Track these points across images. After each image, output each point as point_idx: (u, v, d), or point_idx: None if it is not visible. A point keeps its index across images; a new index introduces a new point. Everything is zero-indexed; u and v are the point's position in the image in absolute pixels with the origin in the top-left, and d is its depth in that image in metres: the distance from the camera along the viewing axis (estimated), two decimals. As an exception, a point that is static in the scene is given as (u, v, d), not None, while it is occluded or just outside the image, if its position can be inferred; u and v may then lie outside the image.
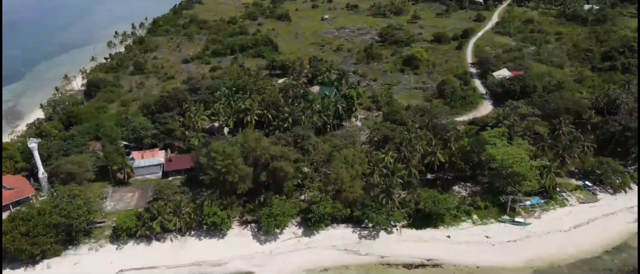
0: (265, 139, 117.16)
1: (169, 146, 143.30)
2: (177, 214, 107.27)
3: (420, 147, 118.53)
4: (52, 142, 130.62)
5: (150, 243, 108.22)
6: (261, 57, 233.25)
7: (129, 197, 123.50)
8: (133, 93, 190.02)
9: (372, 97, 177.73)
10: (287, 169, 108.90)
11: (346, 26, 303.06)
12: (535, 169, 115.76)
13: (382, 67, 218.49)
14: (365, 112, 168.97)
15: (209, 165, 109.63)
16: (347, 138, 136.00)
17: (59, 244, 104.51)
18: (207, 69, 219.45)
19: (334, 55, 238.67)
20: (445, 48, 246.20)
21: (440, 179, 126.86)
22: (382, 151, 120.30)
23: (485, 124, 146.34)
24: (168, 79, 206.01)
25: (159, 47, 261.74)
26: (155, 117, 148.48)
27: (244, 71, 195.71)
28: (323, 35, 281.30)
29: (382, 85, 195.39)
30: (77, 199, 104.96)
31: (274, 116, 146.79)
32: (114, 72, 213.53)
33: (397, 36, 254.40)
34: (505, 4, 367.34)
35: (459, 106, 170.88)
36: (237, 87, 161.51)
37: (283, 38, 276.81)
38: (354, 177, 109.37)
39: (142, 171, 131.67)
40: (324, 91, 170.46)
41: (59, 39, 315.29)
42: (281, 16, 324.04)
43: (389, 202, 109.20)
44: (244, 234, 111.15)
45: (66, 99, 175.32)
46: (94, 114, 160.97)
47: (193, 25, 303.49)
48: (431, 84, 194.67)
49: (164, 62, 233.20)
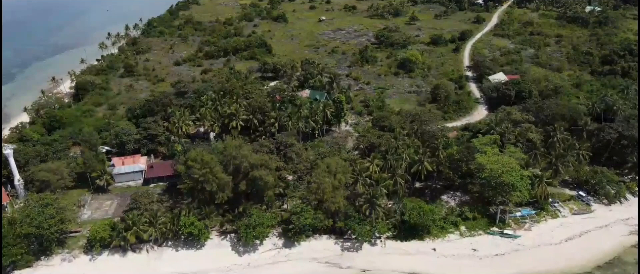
0: (246, 147, 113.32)
1: (153, 151, 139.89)
2: (153, 225, 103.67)
3: (406, 155, 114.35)
4: (29, 148, 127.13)
5: (126, 253, 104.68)
6: (255, 60, 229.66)
7: (107, 205, 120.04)
8: (121, 96, 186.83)
9: (363, 102, 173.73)
10: (267, 179, 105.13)
11: (343, 28, 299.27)
12: (526, 179, 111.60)
13: (376, 70, 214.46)
14: (356, 117, 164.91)
15: (187, 173, 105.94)
16: (333, 145, 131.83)
17: (31, 254, 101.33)
18: (198, 71, 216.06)
19: (329, 58, 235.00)
20: (441, 51, 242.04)
21: (428, 188, 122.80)
22: (367, 159, 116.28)
23: (478, 131, 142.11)
24: (158, 82, 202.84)
25: (152, 48, 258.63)
26: (140, 121, 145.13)
27: (234, 73, 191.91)
28: (319, 37, 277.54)
29: (374, 89, 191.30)
30: (48, 208, 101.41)
31: (260, 122, 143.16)
32: (104, 75, 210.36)
33: (393, 38, 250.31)
34: (505, 6, 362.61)
35: (452, 111, 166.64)
36: (224, 91, 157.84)
37: (278, 40, 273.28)
38: (337, 187, 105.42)
39: (123, 177, 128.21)
40: (315, 95, 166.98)
41: (53, 40, 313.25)
42: (277, 17, 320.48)
43: (372, 213, 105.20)
44: (222, 245, 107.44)
45: (52, 102, 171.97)
46: (78, 118, 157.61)
47: (188, 27, 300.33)
48: (426, 88, 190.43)
49: (155, 64, 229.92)
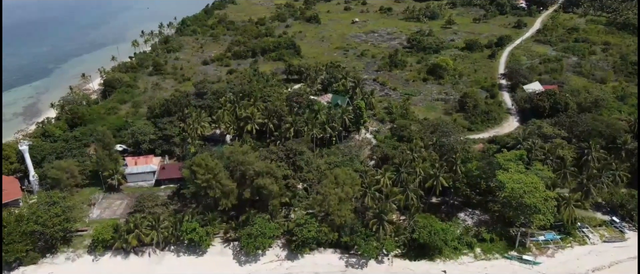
0: (253, 153, 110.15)
1: (168, 152, 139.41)
2: (156, 228, 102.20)
3: (420, 169, 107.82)
4: (46, 144, 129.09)
5: (128, 256, 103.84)
6: (282, 61, 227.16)
7: (117, 205, 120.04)
8: (146, 94, 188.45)
9: (387, 108, 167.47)
10: (271, 188, 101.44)
11: (376, 30, 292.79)
12: (552, 200, 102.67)
13: (405, 75, 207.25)
14: (378, 125, 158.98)
15: (191, 178, 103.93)
16: (347, 154, 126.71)
17: (37, 251, 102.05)
18: (225, 71, 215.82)
19: (357, 61, 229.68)
20: (476, 56, 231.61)
21: (445, 204, 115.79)
22: (379, 171, 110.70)
23: (505, 144, 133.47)
24: (184, 81, 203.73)
25: (183, 47, 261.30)
26: (157, 121, 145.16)
27: (256, 75, 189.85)
28: (350, 40, 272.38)
29: (401, 95, 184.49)
30: (55, 207, 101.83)
31: (276, 126, 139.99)
32: (133, 72, 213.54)
33: (425, 42, 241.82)
34: (550, 10, 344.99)
35: (480, 121, 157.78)
36: (243, 93, 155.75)
37: (308, 41, 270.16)
38: (344, 199, 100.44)
39: (135, 177, 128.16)
40: (336, 100, 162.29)
41: (92, 37, 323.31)
42: (310, 18, 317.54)
43: (380, 229, 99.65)
44: (224, 253, 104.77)
45: (79, 98, 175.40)
46: (101, 115, 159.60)
47: (220, 26, 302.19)
48: (454, 95, 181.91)
49: (184, 63, 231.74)
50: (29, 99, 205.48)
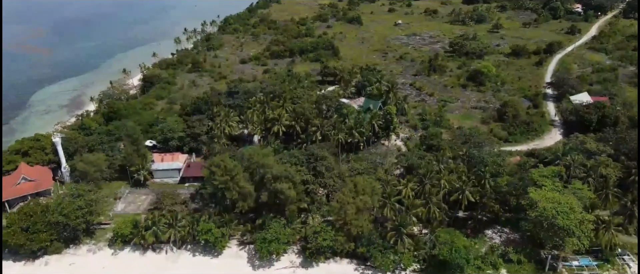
0: (272, 156, 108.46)
1: (195, 150, 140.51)
2: (173, 226, 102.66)
3: (444, 182, 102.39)
4: (79, 137, 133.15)
5: (146, 252, 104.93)
6: (319, 62, 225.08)
7: (141, 200, 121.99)
8: (183, 91, 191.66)
9: (420, 115, 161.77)
10: (288, 193, 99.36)
11: (418, 33, 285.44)
12: (589, 223, 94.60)
13: (443, 80, 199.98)
14: (410, 131, 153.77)
15: (209, 179, 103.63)
16: (371, 161, 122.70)
17: (61, 242, 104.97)
18: (261, 70, 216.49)
19: (395, 65, 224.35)
20: (522, 63, 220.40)
21: (472, 219, 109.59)
22: (401, 181, 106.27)
23: (543, 159, 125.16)
24: (220, 79, 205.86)
25: (224, 45, 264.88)
26: (187, 119, 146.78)
27: (290, 75, 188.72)
28: (390, 42, 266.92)
29: (437, 101, 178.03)
30: (79, 199, 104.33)
31: (302, 129, 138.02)
32: (172, 69, 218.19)
33: (468, 47, 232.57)
34: (609, 16, 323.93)
35: (519, 132, 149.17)
36: (273, 93, 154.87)
37: (348, 43, 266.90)
38: (361, 208, 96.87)
39: (160, 174, 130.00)
40: (368, 104, 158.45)
41: (139, 33, 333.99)
42: (352, 19, 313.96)
43: (399, 242, 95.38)
44: (240, 256, 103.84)
45: (118, 93, 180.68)
46: (137, 110, 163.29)
47: (262, 25, 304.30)
48: (494, 104, 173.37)
49: (223, 61, 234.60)
50: (74, 92, 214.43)
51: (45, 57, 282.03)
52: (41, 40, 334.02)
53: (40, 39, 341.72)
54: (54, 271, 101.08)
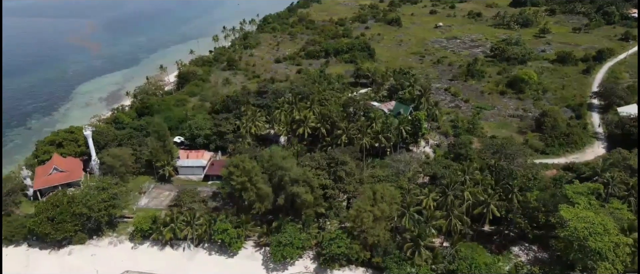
0: (291, 159, 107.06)
1: (221, 148, 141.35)
2: (191, 224, 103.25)
3: (468, 194, 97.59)
4: (110, 131, 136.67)
5: (164, 248, 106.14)
6: (354, 63, 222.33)
7: (164, 195, 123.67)
8: (216, 89, 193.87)
9: (453, 121, 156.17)
10: (305, 197, 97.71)
11: (459, 36, 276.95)
12: (625, 247, 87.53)
13: (481, 86, 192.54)
14: (440, 138, 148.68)
15: (227, 179, 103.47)
16: (394, 168, 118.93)
17: (85, 232, 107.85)
18: (294, 70, 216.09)
19: (432, 68, 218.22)
20: (567, 71, 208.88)
21: (499, 234, 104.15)
22: (422, 191, 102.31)
23: (580, 174, 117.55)
24: (253, 78, 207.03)
25: (261, 44, 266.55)
26: (215, 117, 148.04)
27: (323, 76, 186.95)
28: (429, 45, 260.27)
29: (472, 108, 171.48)
30: (103, 192, 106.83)
31: (328, 131, 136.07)
32: (208, 66, 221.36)
33: (510, 52, 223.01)
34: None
35: (557, 144, 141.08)
36: (302, 94, 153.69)
37: (385, 44, 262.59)
38: (379, 217, 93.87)
39: (185, 171, 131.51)
40: (399, 108, 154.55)
41: (183, 30, 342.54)
42: (391, 21, 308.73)
43: (416, 254, 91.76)
44: (255, 258, 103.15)
45: (153, 89, 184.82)
46: (169, 106, 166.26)
47: (300, 25, 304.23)
48: (533, 113, 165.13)
49: (258, 59, 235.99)
50: (115, 86, 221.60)
51: (94, 51, 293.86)
52: (94, 35, 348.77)
53: (94, 33, 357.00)
54: (76, 261, 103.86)
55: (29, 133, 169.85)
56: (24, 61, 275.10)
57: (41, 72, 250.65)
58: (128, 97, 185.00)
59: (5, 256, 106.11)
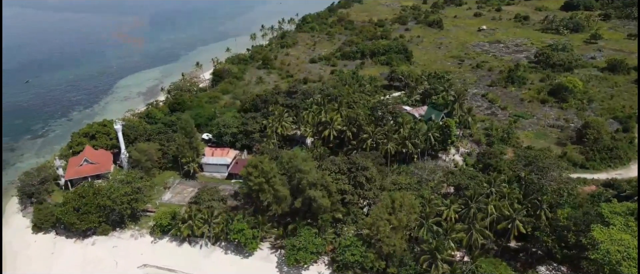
0: (312, 162, 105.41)
1: (247, 147, 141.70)
2: (208, 222, 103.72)
3: (492, 207, 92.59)
4: (139, 126, 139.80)
5: (182, 244, 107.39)
6: (390, 65, 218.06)
7: (188, 192, 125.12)
8: (249, 87, 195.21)
9: (487, 129, 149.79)
10: (321, 201, 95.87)
11: (502, 40, 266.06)
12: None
13: (521, 93, 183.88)
14: (472, 147, 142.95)
15: (245, 179, 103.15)
16: (418, 176, 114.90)
17: (109, 224, 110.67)
18: (329, 71, 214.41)
19: (470, 73, 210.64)
20: (618, 80, 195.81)
21: (525, 252, 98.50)
22: (444, 202, 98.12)
23: (621, 192, 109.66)
24: (286, 77, 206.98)
25: (297, 43, 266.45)
26: (243, 115, 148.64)
27: (355, 78, 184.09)
28: (470, 48, 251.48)
29: (509, 116, 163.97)
30: (126, 186, 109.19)
31: (354, 135, 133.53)
32: (243, 64, 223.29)
33: (555, 58, 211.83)
34: None
35: (598, 159, 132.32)
36: (331, 96, 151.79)
37: (423, 47, 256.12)
38: (396, 226, 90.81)
39: (210, 168, 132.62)
40: (430, 114, 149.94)
41: (223, 28, 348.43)
42: (432, 23, 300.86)
43: (432, 267, 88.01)
44: (269, 260, 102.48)
45: (188, 85, 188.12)
46: (200, 103, 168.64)
47: (338, 25, 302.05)
48: (576, 123, 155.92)
49: (293, 59, 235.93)
50: (153, 81, 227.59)
51: (137, 47, 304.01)
52: (137, 31, 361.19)
53: (137, 29, 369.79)
54: (98, 251, 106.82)
55: (70, 124, 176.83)
56: (71, 56, 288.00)
57: (87, 66, 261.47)
58: (162, 93, 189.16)
59: (34, 242, 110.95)
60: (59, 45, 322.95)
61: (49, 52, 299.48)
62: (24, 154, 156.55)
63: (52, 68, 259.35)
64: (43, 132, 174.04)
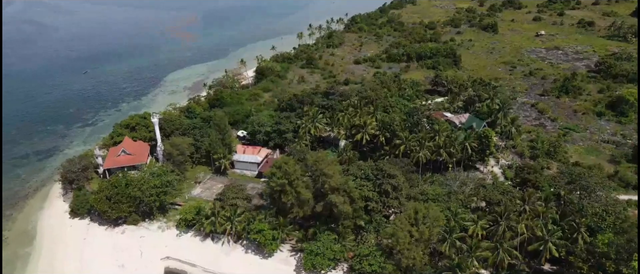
0: (336, 166, 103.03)
1: (280, 147, 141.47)
2: (231, 220, 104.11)
3: (522, 226, 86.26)
4: (176, 120, 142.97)
5: (205, 239, 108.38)
6: (436, 70, 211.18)
7: (217, 187, 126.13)
8: (290, 86, 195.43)
9: (532, 141, 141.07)
10: (342, 207, 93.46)
11: (561, 47, 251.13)
12: None
13: (575, 105, 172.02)
14: (514, 159, 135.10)
15: (269, 179, 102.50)
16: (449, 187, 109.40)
17: (139, 215, 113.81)
18: (372, 73, 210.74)
19: (521, 81, 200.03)
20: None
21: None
22: (471, 216, 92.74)
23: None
24: (329, 77, 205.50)
25: (344, 43, 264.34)
26: (279, 114, 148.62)
27: (397, 81, 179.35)
28: (524, 54, 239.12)
29: (559, 128, 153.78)
30: (156, 178, 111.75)
31: (387, 140, 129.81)
32: (287, 63, 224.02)
33: (618, 68, 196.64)
34: None
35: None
36: (368, 98, 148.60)
37: (474, 51, 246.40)
38: (418, 238, 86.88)
39: (240, 165, 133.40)
40: (472, 122, 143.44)
41: (273, 26, 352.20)
42: (487, 26, 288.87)
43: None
44: (288, 262, 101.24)
45: (230, 82, 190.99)
46: (240, 100, 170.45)
47: (387, 26, 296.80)
48: (634, 140, 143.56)
49: (338, 59, 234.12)
50: (200, 76, 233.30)
51: (189, 42, 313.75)
52: (191, 27, 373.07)
53: (191, 25, 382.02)
54: (126, 240, 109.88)
55: (117, 115, 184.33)
56: (128, 49, 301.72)
57: (141, 59, 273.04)
58: (204, 89, 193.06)
59: (70, 227, 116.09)
60: (119, 38, 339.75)
61: (109, 45, 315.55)
62: (73, 142, 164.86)
63: (110, 60, 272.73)
64: (93, 121, 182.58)
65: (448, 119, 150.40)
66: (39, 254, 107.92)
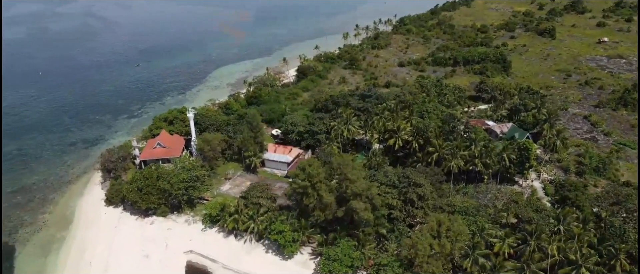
0: (361, 171, 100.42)
1: (312, 147, 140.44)
2: (254, 219, 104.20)
3: (553, 248, 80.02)
4: (211, 116, 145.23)
5: (228, 236, 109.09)
6: (484, 75, 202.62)
7: (246, 185, 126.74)
8: (331, 87, 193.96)
9: (580, 156, 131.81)
10: (363, 214, 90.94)
11: (625, 55, 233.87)
12: None
13: (632, 119, 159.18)
14: (558, 173, 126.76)
15: (292, 181, 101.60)
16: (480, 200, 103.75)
17: (168, 207, 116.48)
18: (416, 76, 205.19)
19: (575, 90, 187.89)
20: None
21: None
22: (499, 234, 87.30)
23: None
24: (371, 79, 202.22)
25: (390, 45, 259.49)
26: (314, 115, 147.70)
27: (439, 86, 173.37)
28: (582, 62, 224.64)
29: (613, 143, 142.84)
30: (185, 173, 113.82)
31: (420, 147, 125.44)
32: (330, 63, 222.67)
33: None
34: None
35: None
36: (405, 103, 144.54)
37: (527, 57, 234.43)
38: (438, 252, 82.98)
39: (271, 164, 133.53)
40: (514, 132, 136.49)
41: (321, 25, 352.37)
42: (543, 31, 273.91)
43: (473, 305, 79.01)
44: (307, 266, 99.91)
45: (270, 80, 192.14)
46: (278, 98, 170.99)
47: (437, 28, 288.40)
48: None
49: (382, 61, 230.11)
50: (244, 73, 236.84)
51: (238, 39, 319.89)
52: (241, 24, 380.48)
53: (241, 22, 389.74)
54: (154, 231, 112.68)
55: (161, 108, 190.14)
56: (181, 44, 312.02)
57: (191, 54, 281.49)
58: (244, 86, 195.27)
59: (104, 214, 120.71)
60: (174, 33, 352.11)
61: (164, 40, 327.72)
62: (117, 132, 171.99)
63: (162, 54, 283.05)
64: (138, 113, 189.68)
65: (489, 127, 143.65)
66: (74, 238, 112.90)
